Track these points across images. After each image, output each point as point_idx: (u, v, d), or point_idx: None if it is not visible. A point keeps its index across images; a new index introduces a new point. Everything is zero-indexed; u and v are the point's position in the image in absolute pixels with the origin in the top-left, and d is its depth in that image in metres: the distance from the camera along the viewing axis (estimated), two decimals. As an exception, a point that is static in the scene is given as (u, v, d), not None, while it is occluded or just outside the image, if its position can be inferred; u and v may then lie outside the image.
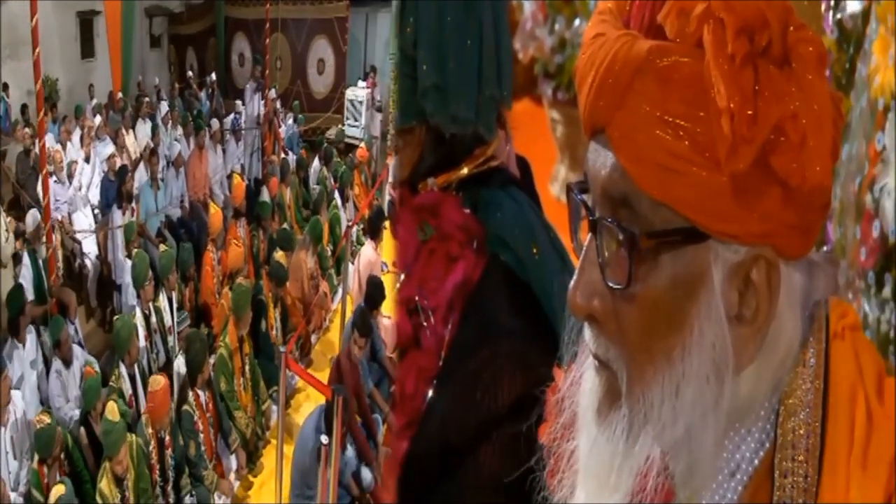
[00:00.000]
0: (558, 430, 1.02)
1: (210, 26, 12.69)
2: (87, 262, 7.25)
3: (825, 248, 1.73)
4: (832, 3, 1.77)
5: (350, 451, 4.58)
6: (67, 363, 5.28)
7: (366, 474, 4.77)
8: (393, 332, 6.07)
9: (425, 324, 1.52)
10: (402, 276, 1.58)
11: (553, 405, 1.05)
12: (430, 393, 1.49)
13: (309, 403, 5.04)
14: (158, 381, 4.81)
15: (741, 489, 0.89)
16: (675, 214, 0.83)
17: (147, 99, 10.75)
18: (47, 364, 5.39)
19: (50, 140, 7.86)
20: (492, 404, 1.41)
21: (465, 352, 1.47)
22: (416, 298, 1.53)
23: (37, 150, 7.63)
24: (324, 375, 5.20)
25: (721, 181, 0.81)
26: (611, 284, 0.86)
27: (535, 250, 1.53)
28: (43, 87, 6.88)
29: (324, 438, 4.01)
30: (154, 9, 12.29)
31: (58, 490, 4.09)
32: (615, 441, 0.90)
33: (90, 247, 7.42)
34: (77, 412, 5.00)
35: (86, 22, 11.00)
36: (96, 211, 8.02)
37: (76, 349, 5.46)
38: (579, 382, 0.97)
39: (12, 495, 4.43)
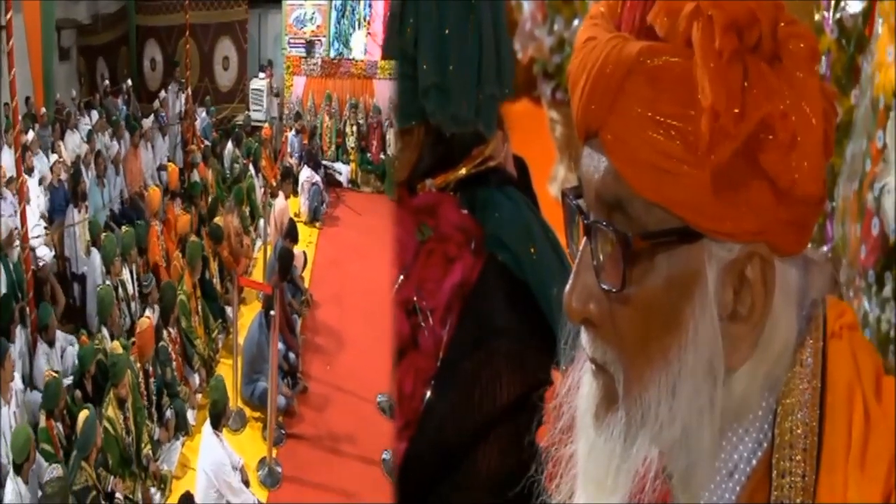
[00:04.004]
0: (556, 435, 1.02)
1: (121, 35, 13.54)
2: (43, 265, 7.70)
3: (825, 248, 1.72)
4: (832, 2, 1.77)
5: (280, 345, 6.33)
6: (52, 344, 6.13)
7: (291, 357, 6.78)
8: (300, 259, 7.49)
9: (423, 325, 1.51)
10: (401, 277, 1.58)
11: (551, 410, 1.05)
12: (429, 394, 1.48)
13: (243, 331, 6.73)
14: (145, 322, 5.94)
15: (739, 489, 0.88)
16: (669, 215, 0.83)
17: (68, 110, 11.31)
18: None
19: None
20: (490, 404, 1.41)
21: (463, 352, 1.46)
22: (415, 299, 1.53)
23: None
24: (252, 307, 7.23)
25: (713, 180, 0.81)
26: (606, 287, 0.86)
27: (532, 250, 1.52)
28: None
29: (272, 312, 5.91)
30: (63, 21, 12.36)
31: (83, 414, 4.89)
32: (613, 443, 0.90)
33: (43, 251, 7.96)
34: (65, 382, 5.73)
35: (-11, 39, 10.94)
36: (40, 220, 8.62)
37: (58, 332, 6.40)
38: (577, 387, 0.97)
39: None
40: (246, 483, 5.52)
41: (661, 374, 0.86)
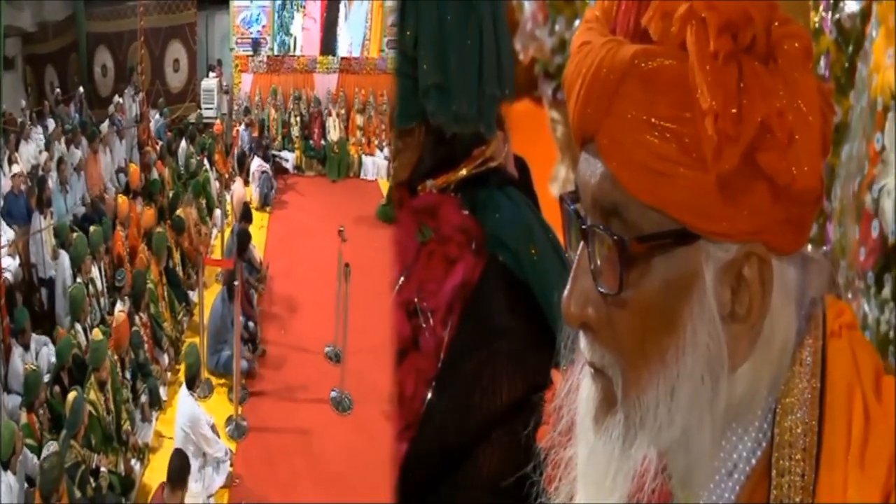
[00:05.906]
0: (556, 438, 1.02)
1: (71, 43, 13.63)
2: (8, 275, 7.80)
3: (825, 249, 1.72)
4: (831, 2, 1.77)
5: (241, 317, 7.01)
6: (27, 347, 6.40)
7: (251, 326, 7.52)
8: (256, 253, 8.19)
9: (424, 326, 1.51)
10: (402, 279, 1.57)
11: (550, 412, 1.05)
12: (430, 395, 1.48)
13: (206, 311, 7.46)
14: (120, 317, 6.46)
15: (738, 488, 0.89)
16: (665, 217, 0.83)
17: (21, 121, 11.38)
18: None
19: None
20: (490, 405, 1.41)
21: (464, 353, 1.46)
22: (416, 300, 1.53)
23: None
24: (212, 289, 7.76)
25: (710, 181, 0.81)
26: (603, 291, 0.86)
27: (533, 250, 1.52)
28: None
29: (236, 283, 6.70)
30: (7, 29, 12.16)
31: (72, 395, 5.26)
32: (612, 445, 0.90)
33: (6, 262, 8.09)
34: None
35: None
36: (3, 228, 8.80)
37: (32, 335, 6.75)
38: (576, 390, 0.97)
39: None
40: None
41: (659, 377, 0.86)
